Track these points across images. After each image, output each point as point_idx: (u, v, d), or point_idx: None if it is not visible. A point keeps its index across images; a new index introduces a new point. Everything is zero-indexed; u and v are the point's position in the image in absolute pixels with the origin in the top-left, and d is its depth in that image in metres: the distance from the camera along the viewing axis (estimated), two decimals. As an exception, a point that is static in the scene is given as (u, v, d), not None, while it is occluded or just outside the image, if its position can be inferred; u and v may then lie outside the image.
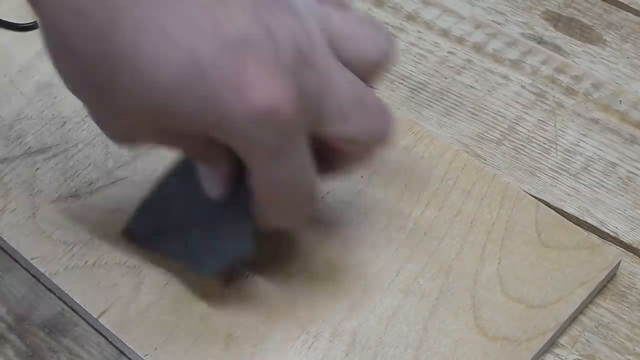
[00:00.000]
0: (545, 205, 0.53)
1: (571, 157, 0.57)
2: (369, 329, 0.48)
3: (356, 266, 0.50)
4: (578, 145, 0.57)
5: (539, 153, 0.57)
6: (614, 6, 0.64)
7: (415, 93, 0.59)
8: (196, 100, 0.40)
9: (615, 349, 0.49)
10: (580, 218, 0.54)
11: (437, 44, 0.62)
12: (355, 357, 0.47)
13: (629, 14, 0.64)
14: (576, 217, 0.54)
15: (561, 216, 0.52)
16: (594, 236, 0.53)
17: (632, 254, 0.53)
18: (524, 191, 0.54)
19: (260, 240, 0.48)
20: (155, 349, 0.47)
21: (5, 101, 0.57)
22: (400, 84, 0.60)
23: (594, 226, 0.54)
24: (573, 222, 0.52)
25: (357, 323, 0.49)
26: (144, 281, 0.49)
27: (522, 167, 0.56)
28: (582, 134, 0.58)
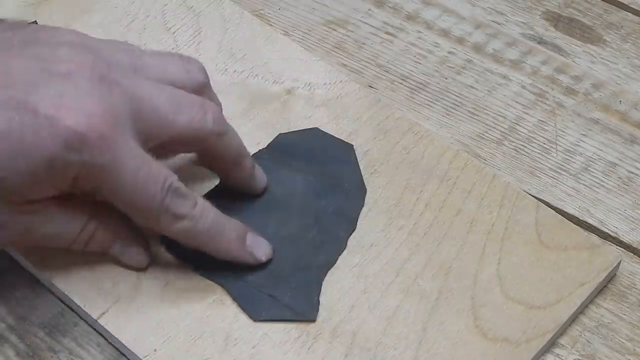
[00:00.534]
0: (546, 206, 0.53)
1: (571, 157, 0.57)
2: (369, 330, 0.48)
3: (356, 266, 0.50)
4: (578, 145, 0.57)
5: (539, 153, 0.57)
6: (614, 6, 0.64)
7: (416, 93, 0.59)
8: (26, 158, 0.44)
9: (615, 349, 0.49)
10: (580, 218, 0.54)
11: (437, 44, 0.62)
12: (354, 358, 0.47)
13: (629, 14, 0.64)
14: (576, 217, 0.54)
15: (561, 216, 0.52)
16: (594, 236, 0.53)
17: (632, 254, 0.53)
18: (524, 191, 0.54)
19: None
20: (155, 350, 0.47)
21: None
22: (400, 84, 0.60)
23: (594, 226, 0.54)
24: (573, 222, 0.52)
25: (357, 324, 0.49)
26: (144, 281, 0.49)
27: (522, 167, 0.56)
28: (582, 134, 0.58)
